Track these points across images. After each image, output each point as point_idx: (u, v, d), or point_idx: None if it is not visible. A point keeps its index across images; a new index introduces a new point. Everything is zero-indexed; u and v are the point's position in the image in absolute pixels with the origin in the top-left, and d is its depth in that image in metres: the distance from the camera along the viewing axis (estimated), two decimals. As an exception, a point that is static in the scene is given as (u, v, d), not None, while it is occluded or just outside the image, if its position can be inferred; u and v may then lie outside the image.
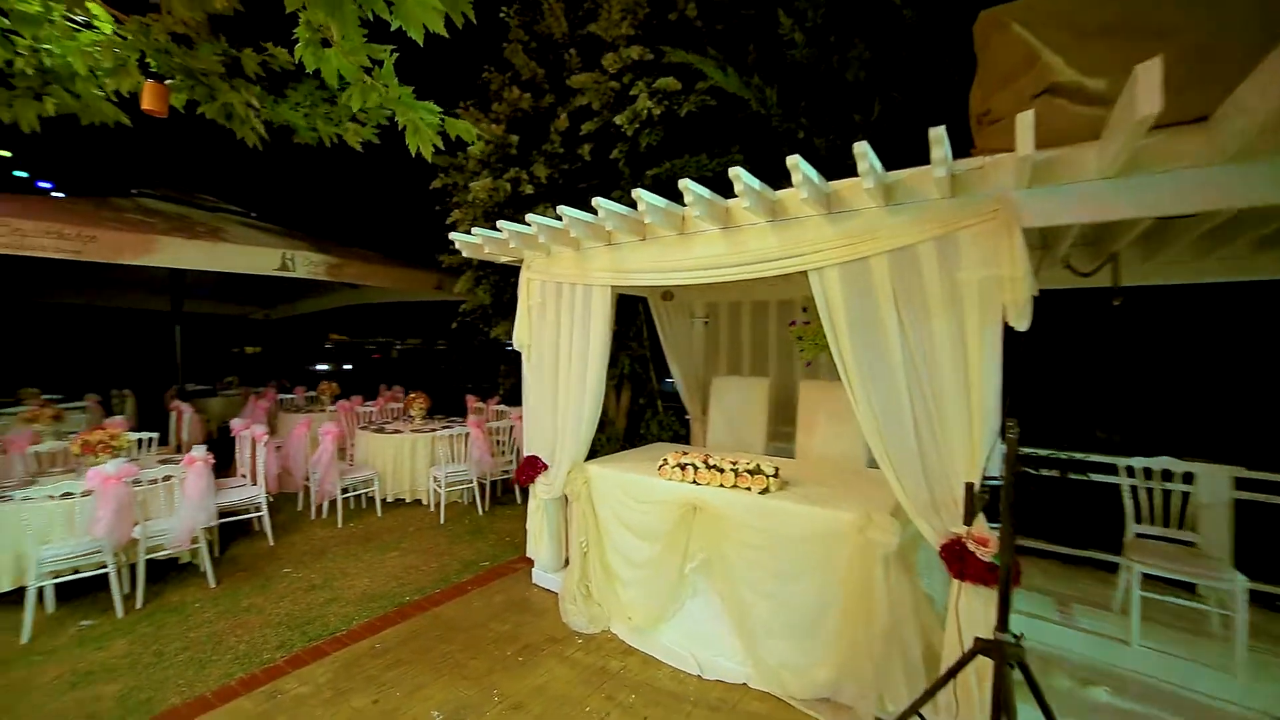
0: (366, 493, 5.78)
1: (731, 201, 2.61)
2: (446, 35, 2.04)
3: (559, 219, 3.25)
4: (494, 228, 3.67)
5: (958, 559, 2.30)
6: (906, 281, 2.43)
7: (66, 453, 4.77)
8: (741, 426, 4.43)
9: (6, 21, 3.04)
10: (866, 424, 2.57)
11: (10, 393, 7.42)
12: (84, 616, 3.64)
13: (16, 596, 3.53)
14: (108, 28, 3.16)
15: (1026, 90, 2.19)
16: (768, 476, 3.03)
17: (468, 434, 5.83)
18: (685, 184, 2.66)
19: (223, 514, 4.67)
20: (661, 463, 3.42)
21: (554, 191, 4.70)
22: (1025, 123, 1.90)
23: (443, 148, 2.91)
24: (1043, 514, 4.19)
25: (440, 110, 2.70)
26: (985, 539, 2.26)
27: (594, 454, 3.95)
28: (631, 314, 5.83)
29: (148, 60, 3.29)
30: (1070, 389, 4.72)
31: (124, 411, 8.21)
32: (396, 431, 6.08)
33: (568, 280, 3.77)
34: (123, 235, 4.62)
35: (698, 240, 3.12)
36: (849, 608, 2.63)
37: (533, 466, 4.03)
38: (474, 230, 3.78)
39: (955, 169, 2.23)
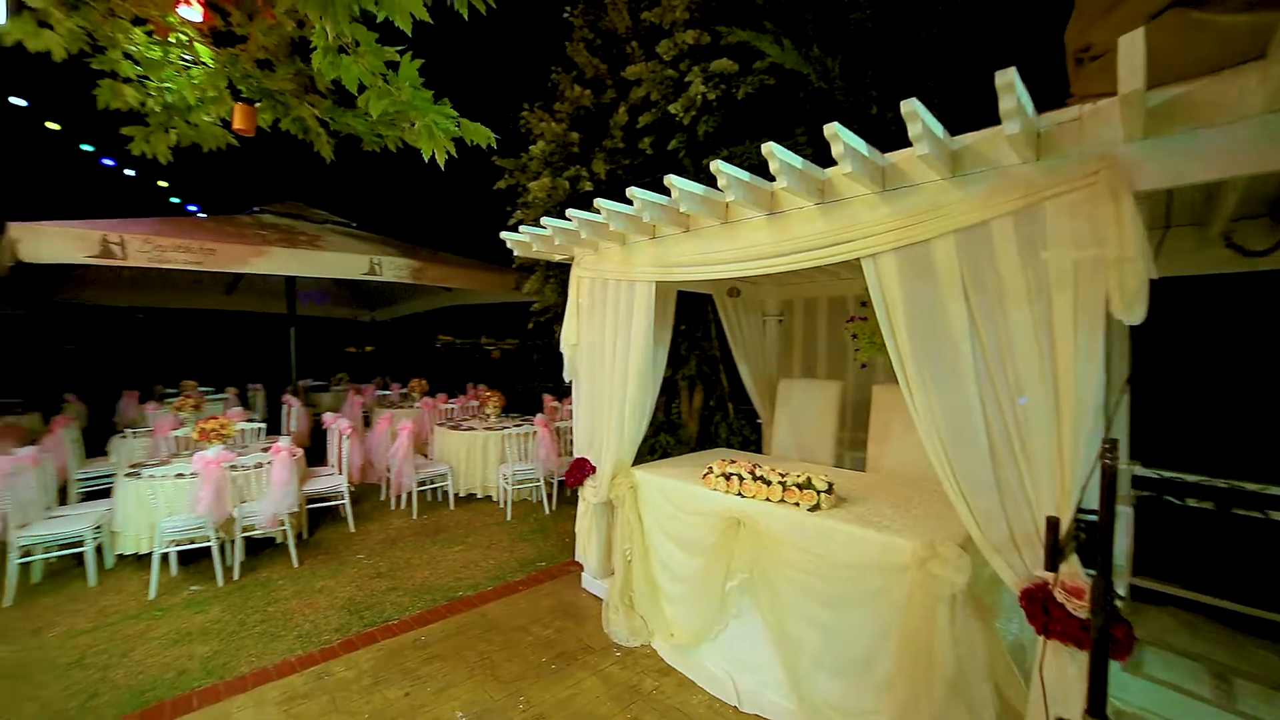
0: (441, 487, 6.02)
1: (775, 184, 2.33)
2: (431, 22, 1.97)
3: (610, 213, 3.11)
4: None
5: (1040, 610, 1.86)
6: (978, 266, 2.02)
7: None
8: (808, 434, 4.05)
9: (139, 68, 3.45)
10: (929, 438, 2.17)
11: (174, 384, 8.65)
12: (195, 582, 4.06)
13: (149, 559, 4.03)
14: (210, 62, 3.50)
15: (1141, 9, 1.70)
16: (818, 492, 2.69)
17: (535, 433, 5.90)
18: (718, 166, 2.41)
19: (311, 499, 5.07)
20: (706, 471, 3.17)
21: (614, 188, 4.59)
22: (1132, 47, 1.46)
23: (455, 154, 2.88)
24: (1197, 557, 3.38)
25: (456, 114, 2.67)
26: (1079, 589, 1.80)
27: (666, 456, 3.78)
28: (700, 312, 5.59)
29: (238, 86, 3.60)
30: (1234, 399, 3.82)
31: (255, 404, 9.30)
32: (471, 429, 6.29)
33: (614, 277, 3.63)
34: (236, 247, 5.18)
35: (742, 229, 2.85)
36: (908, 650, 2.24)
37: (581, 469, 3.94)
38: (521, 228, 3.76)
39: (1038, 125, 1.81)
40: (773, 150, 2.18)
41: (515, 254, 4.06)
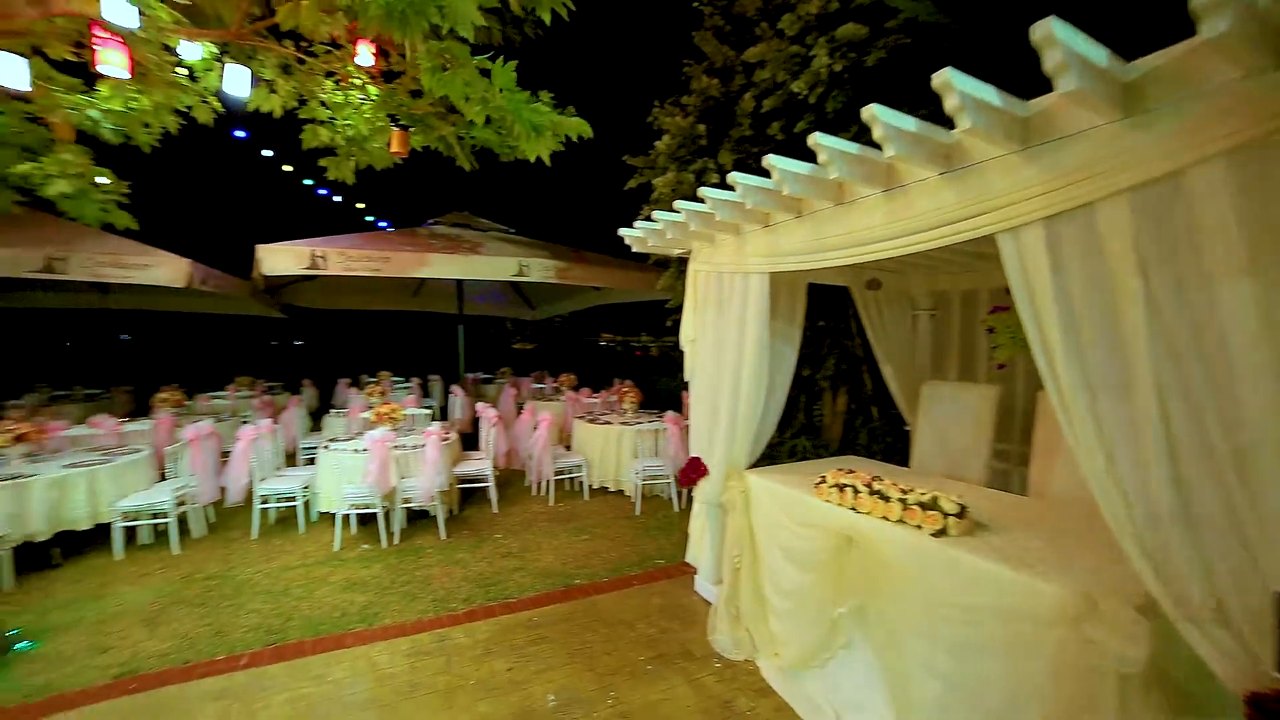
0: (577, 477, 6.31)
1: (886, 154, 2.00)
2: (484, 23, 2.02)
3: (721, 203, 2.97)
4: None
5: None
6: (1164, 234, 1.51)
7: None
8: (956, 446, 3.47)
9: (328, 111, 4.14)
10: (1090, 462, 1.70)
11: (373, 373, 10.32)
12: (366, 541, 4.76)
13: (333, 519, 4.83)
14: (375, 97, 4.06)
15: None
16: (945, 514, 2.26)
17: (666, 430, 5.92)
18: (816, 140, 2.15)
19: (462, 480, 5.64)
20: (820, 480, 2.87)
21: (741, 178, 4.41)
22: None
23: (561, 148, 2.94)
24: None
25: (549, 110, 2.73)
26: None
27: (805, 460, 3.53)
28: (842, 307, 5.13)
29: (396, 115, 4.12)
30: None
31: (433, 393, 10.67)
32: (607, 423, 6.50)
33: (728, 269, 3.46)
34: (406, 255, 5.99)
35: (855, 210, 2.51)
36: (1056, 728, 1.77)
37: (695, 469, 3.83)
38: (636, 223, 3.77)
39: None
40: (875, 114, 1.87)
41: (633, 250, 4.08)
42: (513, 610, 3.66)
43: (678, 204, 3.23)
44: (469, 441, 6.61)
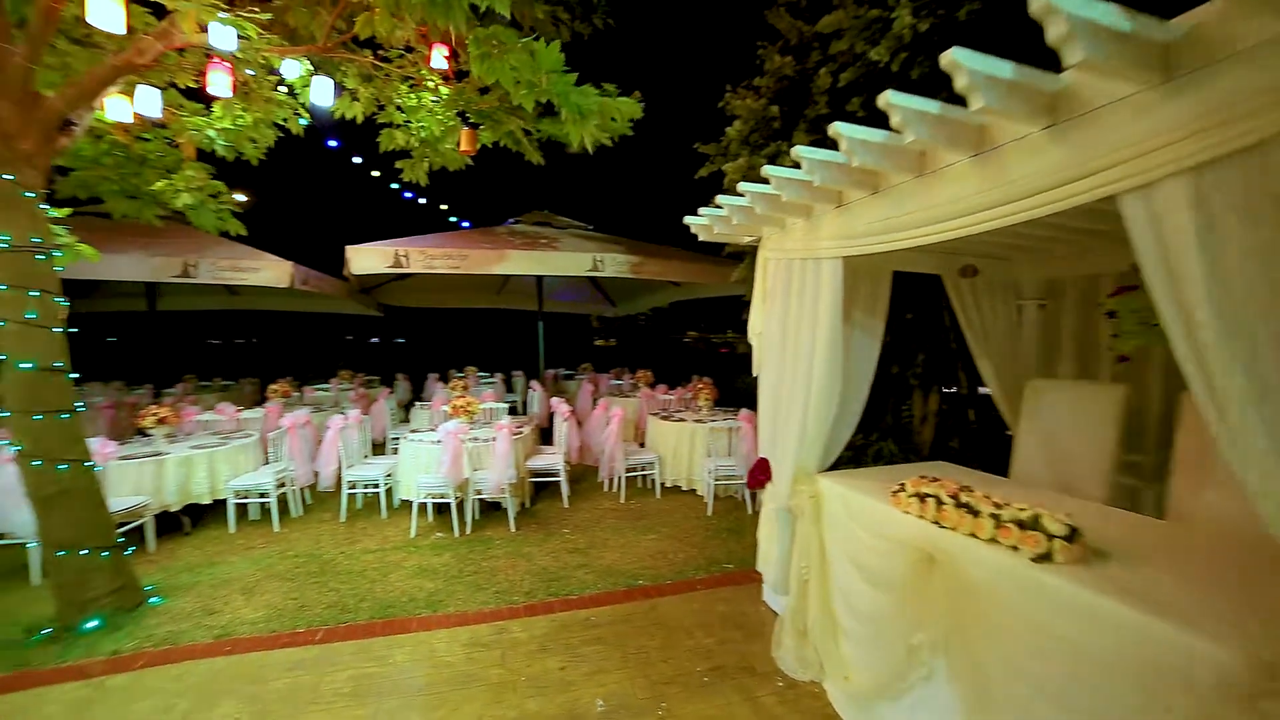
0: (649, 474, 6.21)
1: (974, 110, 1.68)
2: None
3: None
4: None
5: None
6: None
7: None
8: (1070, 455, 2.98)
9: (403, 115, 4.31)
10: (1260, 481, 1.33)
11: (461, 368, 10.84)
12: (440, 530, 4.94)
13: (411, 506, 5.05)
14: (445, 97, 4.17)
15: None
16: (1050, 536, 1.90)
17: (739, 428, 5.67)
18: (889, 100, 1.87)
19: (535, 474, 5.72)
20: (898, 487, 2.55)
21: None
22: None
23: (610, 142, 2.81)
24: None
25: (596, 93, 2.61)
26: None
27: (891, 464, 3.23)
28: (934, 297, 4.64)
29: (465, 113, 4.21)
30: None
31: (516, 387, 11.02)
32: (680, 420, 6.35)
33: (799, 255, 3.19)
34: (483, 252, 6.18)
35: (939, 181, 2.19)
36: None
37: (762, 471, 3.58)
38: (700, 210, 3.58)
39: None
40: (957, 60, 1.58)
41: (700, 238, 3.90)
42: (572, 608, 3.61)
43: (741, 186, 3.01)
44: (546, 436, 6.71)
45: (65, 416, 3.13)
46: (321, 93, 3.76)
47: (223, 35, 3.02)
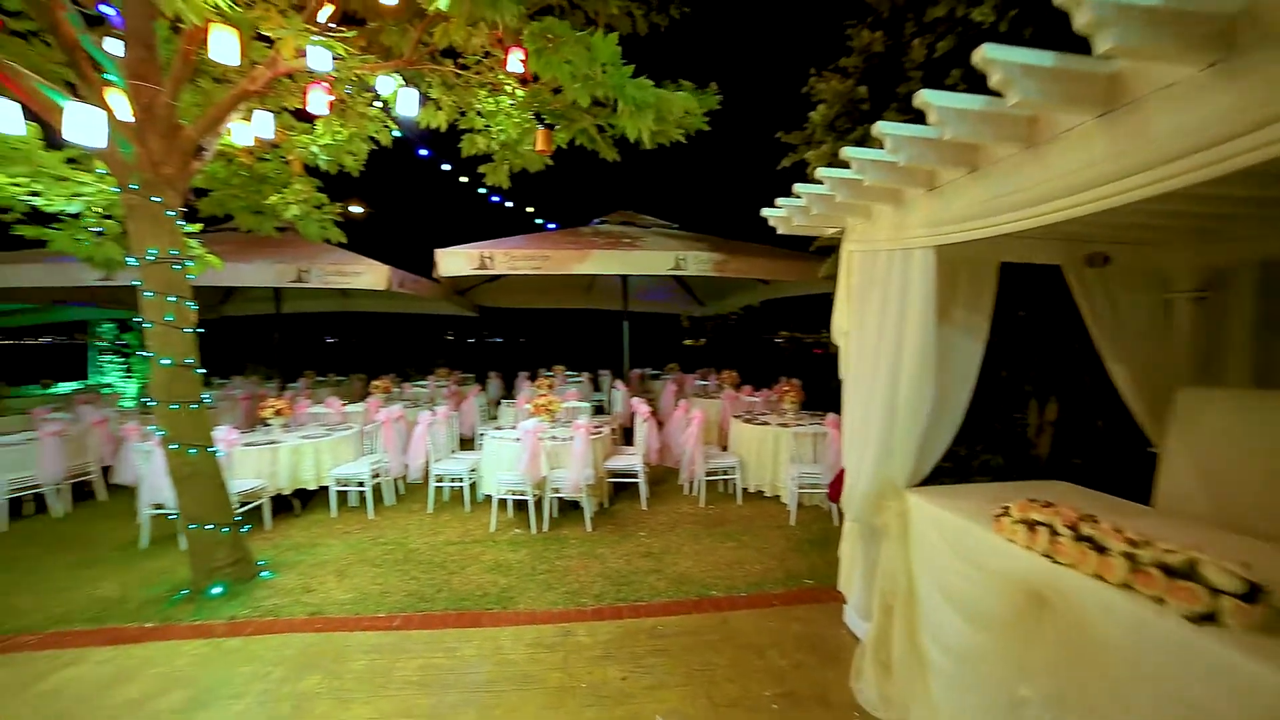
0: (731, 479, 5.98)
1: (1109, 46, 1.34)
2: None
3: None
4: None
5: None
6: None
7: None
8: (1237, 481, 2.43)
9: (482, 119, 4.45)
10: None
11: (550, 366, 11.15)
12: (518, 526, 5.05)
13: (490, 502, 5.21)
14: (520, 99, 4.24)
15: None
16: (1214, 591, 1.52)
17: (826, 434, 5.31)
18: (986, 55, 1.59)
19: (614, 474, 5.70)
20: (1001, 511, 2.20)
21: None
22: None
23: (680, 135, 2.66)
24: None
25: (651, 84, 2.47)
26: None
27: (998, 479, 2.86)
28: (1053, 291, 4.05)
29: (540, 113, 4.25)
30: None
31: (602, 387, 11.14)
32: (764, 423, 6.07)
33: (885, 246, 2.88)
34: (565, 252, 6.26)
35: (1055, 149, 1.84)
36: None
37: (844, 482, 3.29)
38: (777, 200, 3.34)
39: None
40: (1074, -10, 1.29)
41: (778, 231, 3.65)
42: (639, 615, 3.52)
43: (820, 172, 2.76)
44: (629, 436, 6.69)
45: (195, 407, 3.53)
46: (407, 104, 3.95)
47: (319, 57, 3.25)
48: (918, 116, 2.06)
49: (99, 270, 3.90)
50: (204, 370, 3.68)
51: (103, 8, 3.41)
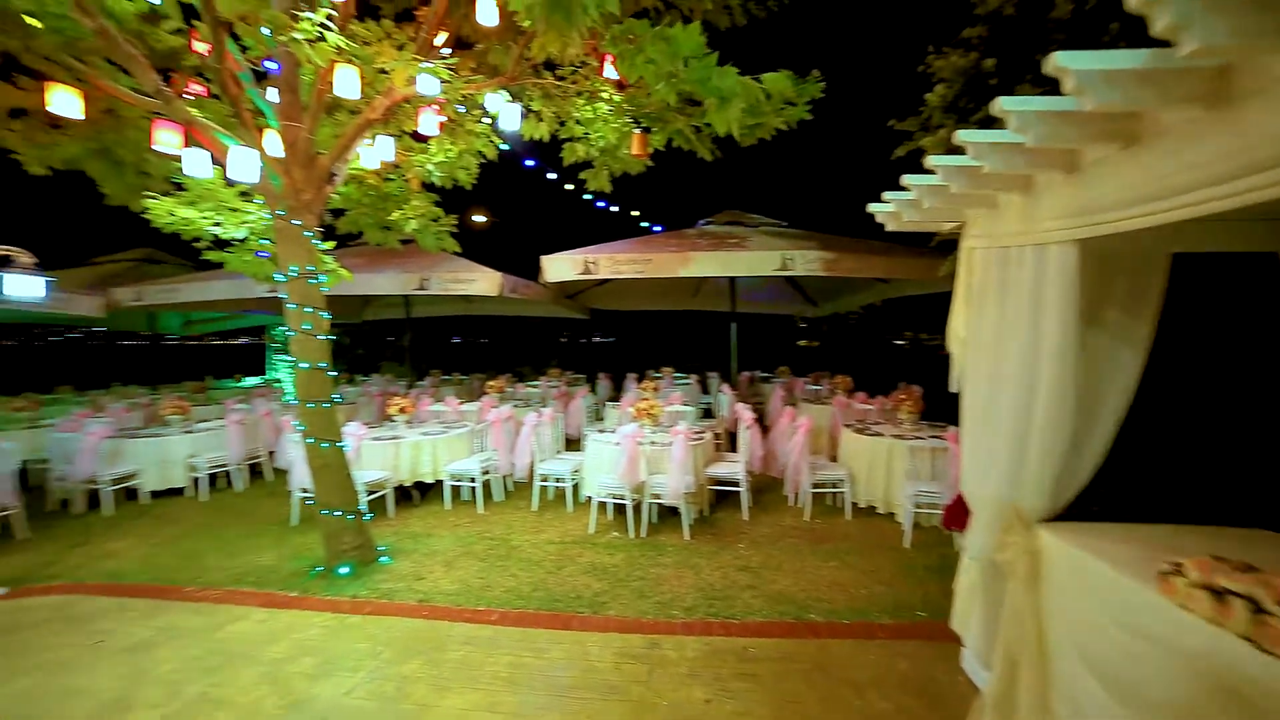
0: (840, 492, 5.58)
1: None
2: None
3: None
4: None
5: None
6: None
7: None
8: None
9: (581, 128, 4.54)
10: None
11: (659, 368, 11.19)
12: (616, 529, 5.10)
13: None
14: (616, 104, 4.26)
15: None
16: None
17: (947, 449, 4.76)
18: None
19: (715, 482, 5.56)
20: (1171, 568, 1.78)
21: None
22: None
23: (782, 124, 2.46)
24: None
25: (736, 71, 2.29)
26: None
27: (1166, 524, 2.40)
28: (1249, 287, 3.26)
29: (637, 117, 4.24)
30: None
31: (711, 389, 10.97)
32: (877, 434, 5.60)
33: (1014, 241, 2.48)
34: (668, 255, 6.21)
35: (1263, 104, 1.43)
36: None
37: (962, 510, 2.90)
38: (884, 194, 3.02)
39: None
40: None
41: (886, 228, 3.31)
42: (731, 633, 3.37)
43: (931, 160, 2.43)
44: (736, 441, 6.51)
45: (326, 405, 3.98)
46: (509, 119, 4.13)
47: (428, 83, 3.49)
48: (1055, 88, 1.72)
49: (263, 283, 4.54)
50: (347, 368, 4.13)
51: (267, 63, 3.93)
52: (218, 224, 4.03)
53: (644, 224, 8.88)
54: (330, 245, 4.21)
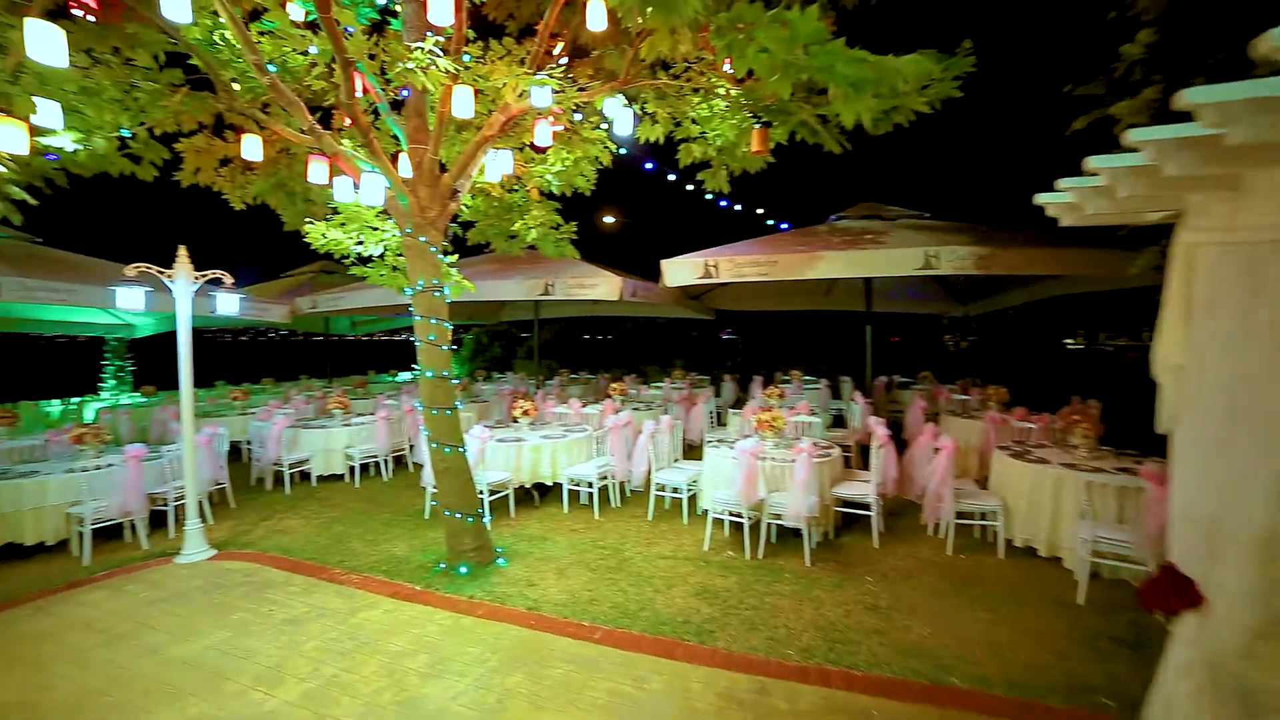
0: (991, 525, 4.81)
1: None
2: None
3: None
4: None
5: None
6: None
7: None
8: None
9: (697, 127, 4.34)
10: None
11: (787, 370, 10.63)
12: (732, 548, 4.83)
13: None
14: (734, 99, 3.98)
15: None
16: None
17: (1145, 488, 3.85)
18: None
19: (842, 503, 5.07)
20: None
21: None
22: None
23: (928, 105, 2.04)
24: None
25: (866, 55, 1.88)
26: None
27: None
28: None
29: (756, 111, 3.92)
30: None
31: (843, 394, 10.18)
32: (1041, 460, 4.72)
33: (1269, 236, 1.83)
34: (795, 256, 5.75)
35: None
36: None
37: (1173, 586, 2.24)
38: (1059, 182, 2.42)
39: None
40: None
41: (1060, 223, 2.68)
42: (852, 687, 2.97)
43: (1133, 135, 1.86)
44: (868, 456, 5.93)
45: (449, 413, 4.20)
46: (623, 123, 4.03)
47: (540, 95, 3.49)
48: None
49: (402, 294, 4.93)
50: (485, 366, 4.34)
51: (404, 91, 4.21)
52: (359, 242, 4.44)
53: (770, 222, 8.39)
54: (454, 259, 4.44)
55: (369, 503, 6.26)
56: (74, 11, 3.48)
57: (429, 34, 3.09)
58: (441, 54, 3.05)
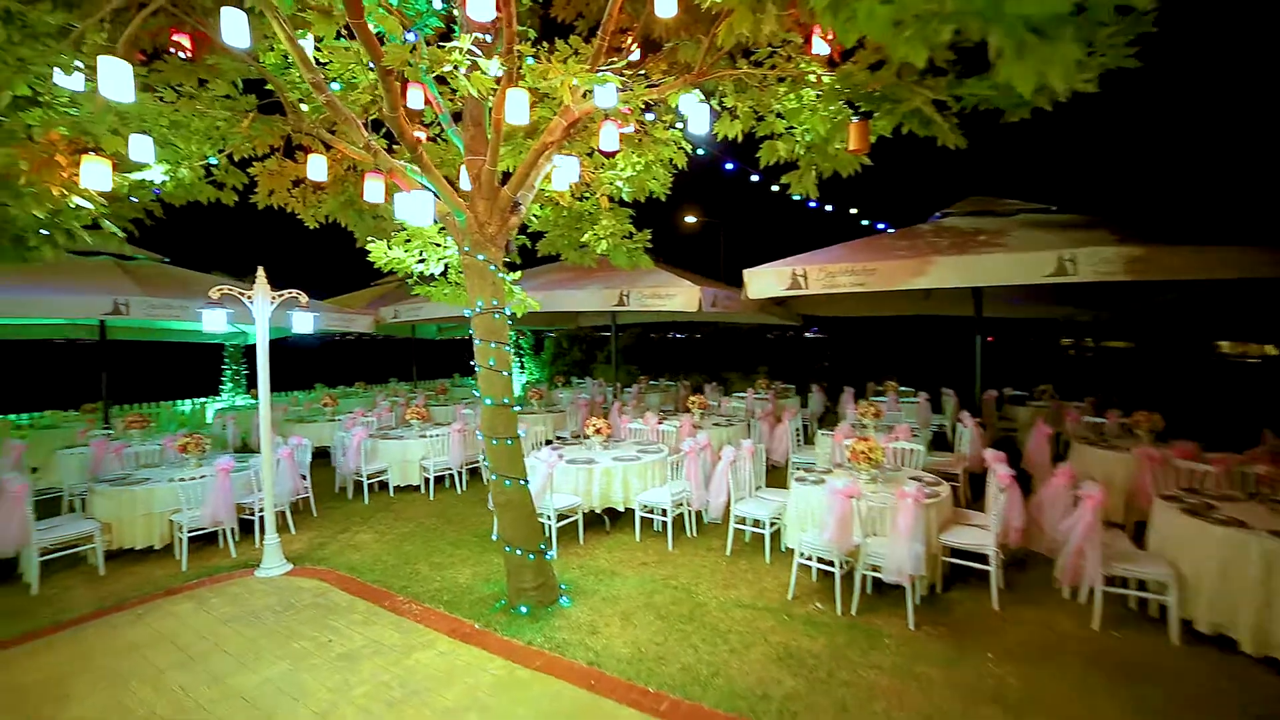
0: (1159, 599, 3.85)
1: None
2: None
3: None
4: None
5: None
6: None
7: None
8: None
9: (783, 121, 3.81)
10: None
11: (881, 380, 9.68)
12: (821, 599, 4.23)
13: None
14: (829, 86, 3.40)
15: None
16: None
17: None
18: None
19: (952, 551, 4.33)
20: None
21: None
22: None
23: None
24: None
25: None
26: None
27: None
28: None
29: (855, 102, 3.33)
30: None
31: (944, 410, 9.08)
32: (1237, 524, 3.70)
33: None
34: (897, 263, 5.00)
35: None
36: None
37: None
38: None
39: None
40: None
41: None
42: (978, 821, 2.36)
43: None
44: (979, 487, 5.08)
45: (510, 442, 3.93)
46: (698, 120, 3.57)
47: (605, 95, 3.11)
48: None
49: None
50: (565, 371, 4.09)
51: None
52: (421, 260, 4.29)
53: (865, 222, 7.56)
54: (518, 275, 4.19)
55: (439, 519, 6.22)
56: (172, 52, 3.55)
57: (474, 34, 2.80)
58: (480, 54, 2.74)
